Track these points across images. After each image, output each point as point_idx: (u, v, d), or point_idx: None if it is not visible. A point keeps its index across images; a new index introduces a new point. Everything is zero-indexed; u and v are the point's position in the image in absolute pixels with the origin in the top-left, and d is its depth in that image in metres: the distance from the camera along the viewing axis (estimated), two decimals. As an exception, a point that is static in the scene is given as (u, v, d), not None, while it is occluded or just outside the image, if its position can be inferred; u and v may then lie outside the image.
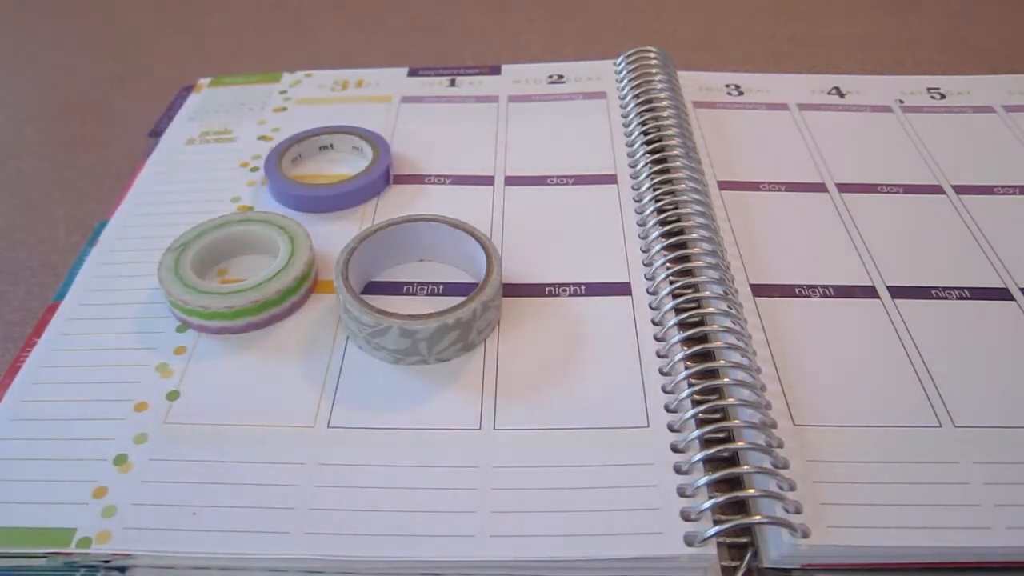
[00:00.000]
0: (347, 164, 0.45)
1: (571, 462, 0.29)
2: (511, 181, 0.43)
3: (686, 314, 0.34)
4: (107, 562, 0.27)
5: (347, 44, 0.61)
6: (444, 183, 0.43)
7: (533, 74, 0.53)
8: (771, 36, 0.59)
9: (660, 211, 0.39)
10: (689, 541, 0.26)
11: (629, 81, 0.49)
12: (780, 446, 0.29)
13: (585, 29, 0.61)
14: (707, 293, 0.34)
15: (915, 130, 0.47)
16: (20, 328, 0.36)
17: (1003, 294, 0.36)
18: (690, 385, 0.31)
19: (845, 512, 0.27)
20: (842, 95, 0.50)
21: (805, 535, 0.26)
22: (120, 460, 0.29)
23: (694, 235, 0.37)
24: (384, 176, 0.42)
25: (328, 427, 0.31)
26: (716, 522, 0.27)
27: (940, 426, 0.30)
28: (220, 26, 0.64)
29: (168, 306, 0.35)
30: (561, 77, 0.52)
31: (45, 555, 0.27)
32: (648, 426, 0.30)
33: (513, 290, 0.36)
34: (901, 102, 0.50)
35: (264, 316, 0.34)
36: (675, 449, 0.29)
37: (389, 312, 0.32)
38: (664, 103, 0.46)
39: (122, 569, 0.27)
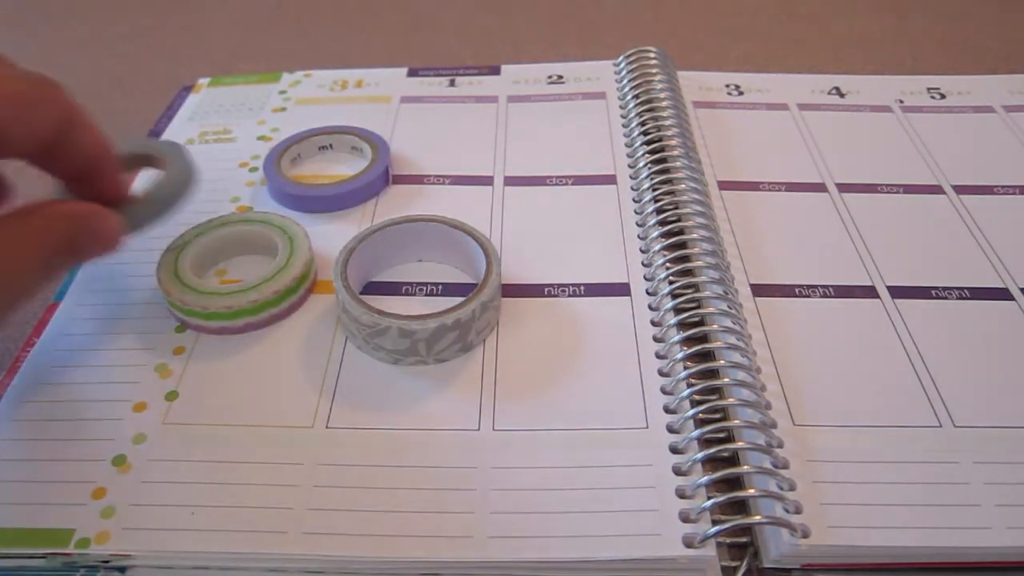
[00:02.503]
0: (346, 164, 0.45)
1: (570, 463, 0.29)
2: (510, 181, 0.43)
3: (686, 314, 0.34)
4: (107, 562, 0.27)
5: (346, 44, 0.61)
6: (443, 183, 0.43)
7: (533, 74, 0.52)
8: (771, 36, 0.59)
9: (660, 211, 0.39)
10: (688, 542, 0.26)
11: (629, 81, 0.49)
12: (780, 446, 0.29)
13: (585, 29, 0.61)
14: (707, 293, 0.34)
15: (915, 130, 0.47)
16: (19, 328, 0.36)
17: (1003, 294, 0.36)
18: (689, 385, 0.31)
19: (845, 512, 0.27)
20: (842, 95, 0.50)
21: (805, 535, 0.26)
22: (119, 460, 0.29)
23: (694, 235, 0.37)
24: (383, 176, 0.42)
25: (327, 427, 0.31)
26: (716, 522, 0.27)
27: (940, 426, 0.30)
28: (220, 26, 0.64)
29: (167, 306, 0.35)
30: (561, 77, 0.52)
31: (44, 556, 0.27)
32: (647, 427, 0.30)
33: (512, 290, 0.36)
34: (901, 102, 0.50)
35: (263, 316, 0.34)
36: (674, 450, 0.29)
37: (388, 312, 0.32)
38: (664, 103, 0.46)
39: (122, 569, 0.27)
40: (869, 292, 0.36)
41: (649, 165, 0.42)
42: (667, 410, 0.31)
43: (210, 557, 0.27)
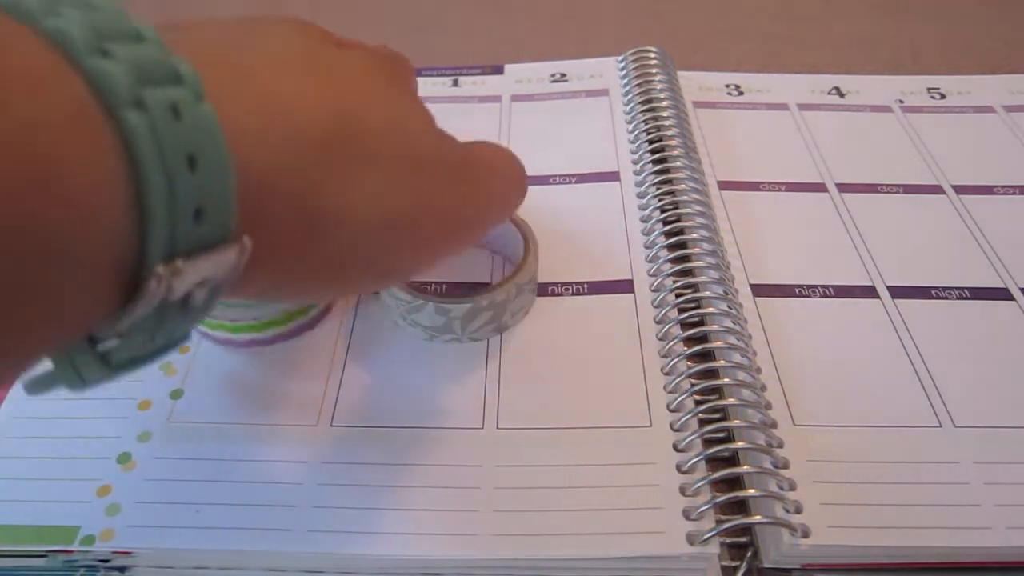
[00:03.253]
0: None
1: (574, 461, 0.29)
2: (513, 181, 0.43)
3: (687, 314, 0.34)
4: (107, 561, 0.27)
5: (348, 43, 0.61)
6: (446, 182, 0.43)
7: (536, 73, 0.53)
8: (771, 36, 0.59)
9: (661, 211, 0.39)
10: (691, 540, 0.26)
11: (629, 80, 0.49)
12: (780, 446, 0.30)
13: (585, 29, 0.61)
14: (707, 293, 0.34)
15: (915, 130, 0.47)
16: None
17: (1003, 294, 0.36)
18: (691, 385, 0.31)
19: (845, 512, 0.27)
20: (842, 95, 0.50)
21: (805, 535, 0.27)
22: (124, 458, 0.30)
23: (694, 235, 0.37)
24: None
25: (331, 425, 0.31)
26: (717, 522, 0.27)
27: (940, 426, 0.30)
28: (221, 24, 0.64)
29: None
30: (564, 75, 0.52)
31: (45, 554, 0.27)
32: (650, 425, 0.30)
33: (515, 290, 0.36)
34: (901, 102, 0.50)
35: (291, 327, 0.34)
36: (677, 449, 0.30)
37: (425, 290, 0.33)
38: (664, 103, 0.46)
39: (121, 569, 0.27)
40: (869, 292, 0.36)
41: (650, 165, 0.42)
42: (669, 408, 0.31)
43: (213, 555, 0.27)
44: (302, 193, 0.19)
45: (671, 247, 0.37)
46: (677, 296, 0.35)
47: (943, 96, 0.50)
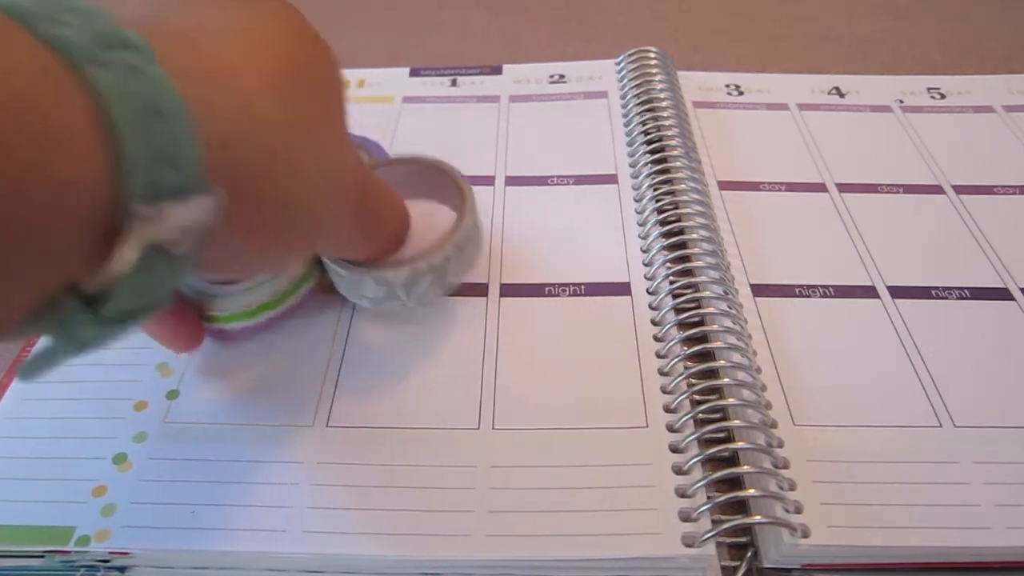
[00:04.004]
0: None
1: (570, 462, 0.29)
2: (511, 181, 0.43)
3: (686, 314, 0.34)
4: (106, 561, 0.27)
5: (347, 44, 0.60)
6: (444, 183, 0.43)
7: (534, 74, 0.52)
8: (771, 36, 0.59)
9: (660, 211, 0.39)
10: (688, 541, 0.26)
11: (629, 81, 0.49)
12: (780, 446, 0.29)
13: (585, 29, 0.61)
14: (707, 293, 0.34)
15: (915, 130, 0.47)
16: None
17: (1003, 294, 0.36)
18: (689, 385, 0.31)
19: (845, 512, 0.27)
20: (842, 95, 0.50)
21: (805, 535, 0.26)
22: (120, 459, 0.30)
23: (694, 235, 0.37)
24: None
25: (327, 426, 0.31)
26: (716, 522, 0.27)
27: (940, 426, 0.30)
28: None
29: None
30: (562, 77, 0.52)
31: (42, 554, 0.27)
32: (647, 426, 0.30)
33: (513, 290, 0.36)
34: (901, 102, 0.50)
35: (283, 308, 0.33)
36: (674, 449, 0.29)
37: (363, 263, 0.31)
38: (664, 103, 0.46)
39: (121, 569, 0.27)
40: (869, 292, 0.36)
41: (649, 165, 0.42)
42: (667, 409, 0.31)
43: (210, 556, 0.27)
44: (252, 160, 0.20)
45: (670, 247, 0.37)
46: (676, 296, 0.35)
47: (943, 96, 0.50)
